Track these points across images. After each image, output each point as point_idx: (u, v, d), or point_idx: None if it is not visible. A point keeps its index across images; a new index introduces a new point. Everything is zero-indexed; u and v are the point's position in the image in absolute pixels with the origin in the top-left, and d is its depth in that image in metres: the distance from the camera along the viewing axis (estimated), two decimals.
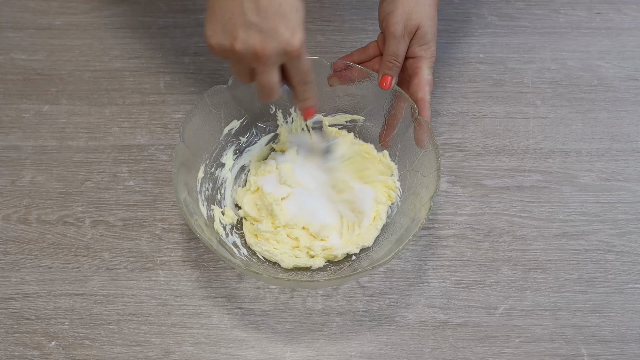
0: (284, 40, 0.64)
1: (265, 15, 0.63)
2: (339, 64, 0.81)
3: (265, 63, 0.65)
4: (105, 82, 0.94)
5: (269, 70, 0.66)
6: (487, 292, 0.79)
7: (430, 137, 0.75)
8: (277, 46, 0.64)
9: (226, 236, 0.79)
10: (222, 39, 0.65)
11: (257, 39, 0.64)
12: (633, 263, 0.81)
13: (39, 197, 0.84)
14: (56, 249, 0.81)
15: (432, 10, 0.78)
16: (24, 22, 0.99)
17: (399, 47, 0.77)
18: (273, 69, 0.67)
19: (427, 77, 0.78)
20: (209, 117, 0.79)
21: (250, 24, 0.63)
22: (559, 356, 0.75)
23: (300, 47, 0.65)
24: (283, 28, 0.64)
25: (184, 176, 0.75)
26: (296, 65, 0.67)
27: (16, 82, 0.94)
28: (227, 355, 0.75)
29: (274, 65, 0.66)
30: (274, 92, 0.69)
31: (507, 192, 0.85)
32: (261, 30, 0.63)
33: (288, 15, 0.64)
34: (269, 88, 0.68)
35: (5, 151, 0.88)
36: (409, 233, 0.71)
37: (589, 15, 1.01)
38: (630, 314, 0.78)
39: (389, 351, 0.76)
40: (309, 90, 0.71)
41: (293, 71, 0.68)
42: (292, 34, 0.64)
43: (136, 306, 0.78)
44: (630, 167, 0.88)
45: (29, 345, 0.75)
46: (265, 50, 0.64)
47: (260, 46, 0.64)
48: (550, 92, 0.94)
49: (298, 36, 0.64)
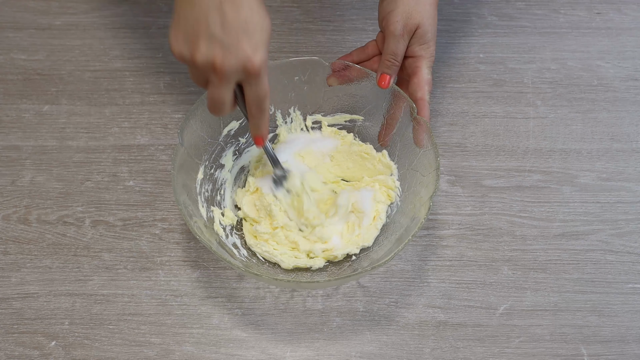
0: (245, 57, 0.63)
1: (229, 30, 0.62)
2: (337, 64, 0.81)
3: (222, 77, 0.64)
4: (105, 82, 0.94)
5: (223, 85, 0.65)
6: (487, 292, 0.79)
7: (429, 137, 0.75)
8: (236, 63, 0.63)
9: (226, 237, 0.79)
10: (183, 48, 0.64)
11: (217, 53, 0.62)
12: (633, 263, 0.81)
13: (39, 197, 0.84)
14: (56, 249, 0.81)
15: (432, 9, 0.78)
16: (24, 22, 0.99)
17: (398, 46, 0.77)
18: (228, 85, 0.65)
19: (427, 76, 0.78)
20: (208, 119, 0.79)
21: (213, 36, 0.62)
22: (559, 356, 0.75)
23: (260, 67, 0.64)
24: (245, 45, 0.63)
25: (183, 177, 0.75)
26: (254, 86, 0.66)
27: (16, 82, 0.94)
28: (227, 355, 0.75)
29: (229, 82, 0.65)
30: (224, 109, 0.67)
31: (507, 192, 0.85)
32: (223, 45, 0.62)
33: (252, 33, 0.63)
34: (220, 103, 0.67)
35: (5, 151, 0.88)
36: (408, 233, 0.71)
37: (589, 15, 1.01)
38: (630, 314, 0.78)
39: (389, 351, 0.76)
40: (261, 117, 0.69)
41: (249, 92, 0.66)
42: (253, 52, 0.63)
43: (136, 306, 0.78)
44: (630, 167, 0.88)
45: (29, 345, 0.75)
46: (223, 65, 0.63)
47: (219, 60, 0.63)
48: (550, 92, 0.94)
49: (259, 55, 0.63)
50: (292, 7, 1.01)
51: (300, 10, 1.01)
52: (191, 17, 0.63)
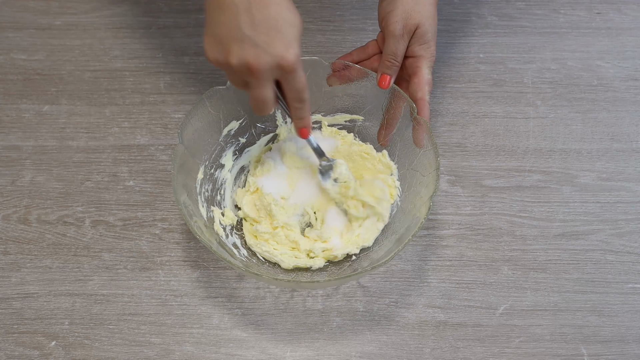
0: (278, 55, 0.64)
1: (259, 29, 0.63)
2: (337, 64, 0.81)
3: (259, 77, 0.65)
4: (105, 82, 0.94)
5: (262, 84, 0.66)
6: (487, 292, 0.79)
7: (429, 137, 0.75)
8: (271, 60, 0.64)
9: (226, 237, 0.79)
10: (217, 53, 0.65)
11: (251, 53, 0.63)
12: (633, 263, 0.81)
13: (39, 197, 0.84)
14: (56, 249, 0.81)
15: (432, 9, 0.78)
16: (24, 22, 0.99)
17: (398, 46, 0.77)
18: (266, 84, 0.66)
19: (427, 76, 0.78)
20: (208, 118, 0.79)
21: (245, 37, 0.63)
22: (559, 356, 0.75)
23: (295, 62, 0.65)
24: (277, 42, 0.63)
25: (183, 178, 0.75)
26: (291, 81, 0.67)
27: (16, 82, 0.94)
28: (227, 355, 0.75)
29: (267, 80, 0.66)
30: (267, 107, 0.69)
31: (507, 192, 0.85)
32: (255, 45, 0.63)
33: (283, 30, 0.64)
34: (262, 102, 0.68)
35: (5, 151, 0.88)
36: (408, 233, 0.71)
37: (589, 15, 1.01)
38: (630, 314, 0.78)
39: (389, 351, 0.76)
40: (303, 108, 0.71)
41: (287, 87, 0.68)
42: (286, 49, 0.64)
43: (136, 306, 0.78)
44: (630, 167, 0.88)
45: (29, 345, 0.75)
46: (259, 65, 0.64)
47: (254, 60, 0.63)
48: (550, 92, 0.94)
49: (292, 51, 0.64)
50: None
51: (300, 10, 0.99)
52: (221, 21, 0.64)
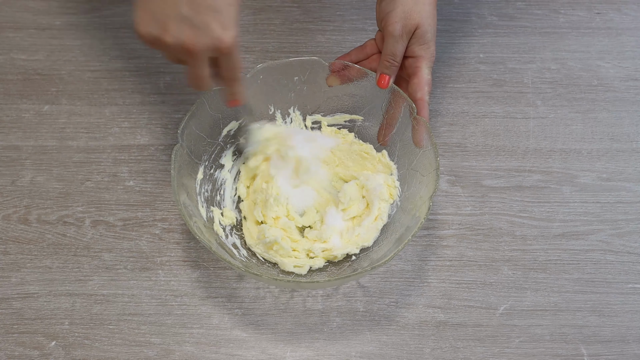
0: (216, 37, 0.63)
1: (198, 9, 0.62)
2: (336, 64, 0.81)
3: (195, 58, 0.65)
4: (105, 82, 0.94)
5: (198, 64, 0.66)
6: (487, 292, 0.79)
7: (428, 137, 0.75)
8: (208, 42, 0.63)
9: (226, 237, 0.79)
10: (152, 29, 0.63)
11: (188, 33, 0.63)
12: (633, 263, 0.81)
13: (39, 197, 0.84)
14: (56, 249, 0.81)
15: (431, 9, 0.78)
16: (24, 22, 0.99)
17: (397, 46, 0.77)
18: (203, 63, 0.66)
19: (427, 76, 0.78)
20: (208, 119, 0.79)
21: (183, 17, 0.62)
22: (559, 356, 0.75)
23: (232, 44, 0.64)
24: (215, 23, 0.63)
25: (183, 178, 0.75)
26: (227, 61, 0.67)
27: (16, 82, 0.94)
28: (227, 355, 0.75)
29: (203, 60, 0.65)
30: (204, 84, 0.69)
31: (507, 192, 0.85)
32: (193, 25, 0.62)
33: (221, 11, 0.63)
34: (199, 80, 0.68)
35: (5, 151, 0.88)
36: (408, 233, 0.71)
37: (589, 15, 1.01)
38: (630, 314, 0.78)
39: (389, 351, 0.76)
40: (236, 86, 0.71)
41: (224, 66, 0.68)
42: (223, 30, 0.63)
43: (136, 306, 0.78)
44: (630, 167, 0.88)
45: (29, 345, 0.75)
46: (195, 46, 0.63)
47: (190, 41, 0.63)
48: (550, 92, 0.94)
49: (230, 32, 0.64)
50: (292, 7, 1.01)
51: (300, 10, 1.01)
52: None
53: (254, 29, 0.99)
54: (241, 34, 0.98)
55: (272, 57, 0.96)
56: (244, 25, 0.99)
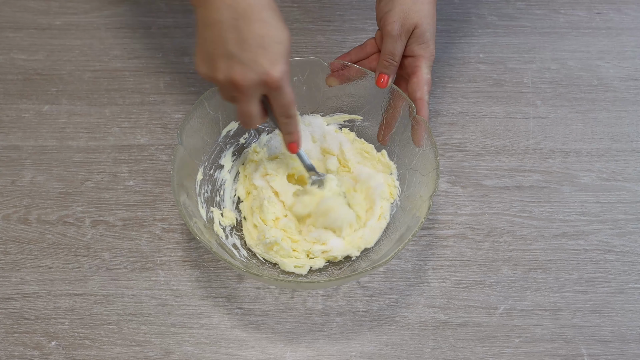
0: (263, 72, 0.64)
1: (245, 46, 0.64)
2: (336, 64, 0.81)
3: (244, 93, 0.66)
4: (105, 82, 0.94)
5: (247, 100, 0.67)
6: (487, 292, 0.79)
7: (428, 136, 0.75)
8: (256, 77, 0.64)
9: (226, 238, 0.79)
10: (206, 69, 0.66)
11: (236, 70, 0.64)
12: (633, 263, 0.81)
13: (39, 197, 0.85)
14: (56, 249, 0.81)
15: (430, 8, 0.78)
16: (24, 22, 0.99)
17: (396, 46, 0.77)
18: (252, 100, 0.67)
19: (426, 76, 0.78)
20: (207, 119, 0.79)
21: (231, 55, 0.64)
22: (559, 356, 0.75)
23: (280, 79, 0.65)
24: (263, 59, 0.64)
25: (182, 178, 0.75)
26: (277, 97, 0.67)
27: (16, 82, 0.94)
28: (227, 355, 0.75)
29: (252, 96, 0.67)
30: (253, 121, 0.69)
31: (507, 192, 0.85)
32: (241, 62, 0.64)
33: (269, 47, 0.64)
34: (248, 117, 0.69)
35: (5, 151, 0.88)
36: (408, 233, 0.71)
37: (589, 15, 1.01)
38: (630, 314, 0.78)
39: (389, 351, 0.76)
40: (291, 123, 0.71)
41: (275, 103, 0.68)
42: (272, 65, 0.64)
43: (136, 306, 0.78)
44: (630, 167, 0.88)
45: (29, 345, 0.75)
46: (244, 82, 0.64)
47: (239, 77, 0.64)
48: (550, 92, 0.94)
49: (278, 68, 0.64)
50: (292, 7, 1.01)
51: (300, 10, 1.01)
52: (209, 38, 0.65)
53: None
54: None
55: None
56: None
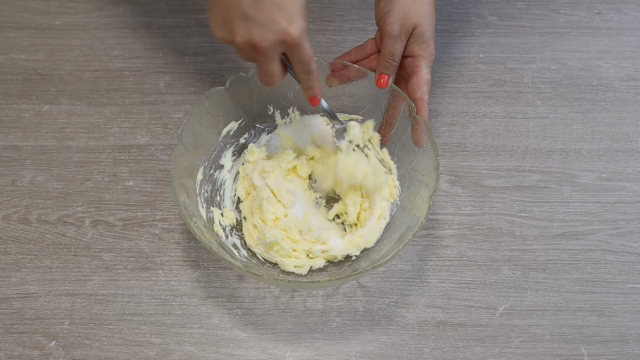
0: (282, 31, 0.64)
1: (261, 6, 0.63)
2: (336, 64, 0.81)
3: (265, 54, 0.66)
4: (105, 82, 0.94)
5: (268, 60, 0.67)
6: (487, 292, 0.79)
7: (428, 136, 0.75)
8: (275, 37, 0.64)
9: (226, 238, 0.79)
10: (223, 32, 0.66)
11: (254, 32, 0.64)
12: (633, 263, 0.81)
13: (39, 197, 0.84)
14: (56, 249, 0.81)
15: (429, 8, 0.78)
16: (24, 22, 0.99)
17: (395, 46, 0.77)
18: (273, 59, 0.67)
19: (426, 76, 0.78)
20: (207, 119, 0.79)
21: (248, 16, 0.64)
22: (559, 356, 0.75)
23: (299, 37, 0.65)
24: (280, 18, 0.63)
25: (182, 178, 0.75)
26: (297, 55, 0.67)
27: (16, 82, 0.94)
28: (227, 355, 0.75)
29: (273, 56, 0.67)
30: (275, 80, 0.70)
31: (507, 192, 0.85)
32: (258, 22, 0.64)
33: (285, 5, 0.64)
34: (270, 76, 0.69)
35: (5, 151, 0.88)
36: (408, 233, 0.71)
37: (589, 15, 1.01)
38: (630, 314, 0.78)
39: (389, 351, 0.76)
40: (311, 79, 0.71)
41: (294, 60, 0.68)
42: (289, 24, 0.64)
43: (136, 306, 0.78)
44: (630, 167, 0.88)
45: (29, 345, 0.75)
46: (263, 43, 0.64)
47: (258, 39, 0.64)
48: (550, 92, 0.94)
49: (297, 25, 0.64)
50: None
51: None
52: (223, 1, 0.64)
53: None
54: None
55: None
56: None
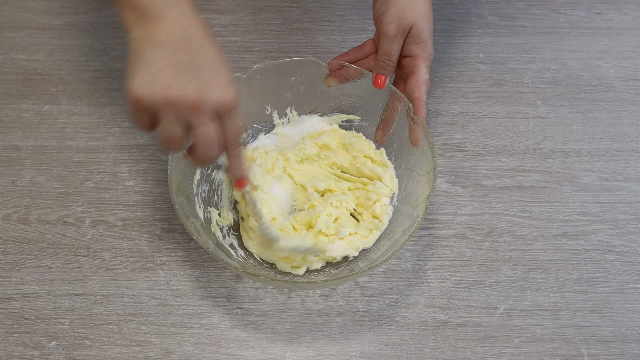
0: (221, 92, 0.61)
1: (200, 66, 0.60)
2: (334, 64, 0.81)
3: (203, 114, 0.60)
4: (105, 82, 0.94)
5: (206, 122, 0.61)
6: (487, 292, 0.79)
7: (426, 137, 0.75)
8: (213, 97, 0.60)
9: (223, 238, 0.79)
10: (152, 88, 0.59)
11: (193, 87, 0.60)
12: (633, 263, 0.81)
13: (39, 197, 0.85)
14: (56, 249, 0.81)
15: (426, 7, 0.77)
16: (24, 22, 0.99)
17: (392, 47, 0.77)
18: (211, 121, 0.61)
19: (424, 76, 0.78)
20: None
21: (185, 73, 0.60)
22: (559, 356, 0.75)
23: (235, 101, 0.62)
24: (219, 80, 0.61)
25: (180, 179, 0.75)
26: (230, 121, 0.63)
27: (16, 82, 0.94)
28: (227, 355, 0.75)
29: (211, 118, 0.61)
30: (214, 146, 0.63)
31: (507, 192, 0.85)
32: (198, 78, 0.60)
33: (222, 70, 0.62)
34: (210, 140, 0.62)
35: (5, 151, 0.88)
36: (406, 233, 0.71)
37: (589, 15, 1.01)
38: (630, 314, 0.78)
39: (389, 351, 0.75)
40: (240, 154, 0.66)
41: (227, 128, 0.63)
42: (227, 87, 0.61)
43: (136, 306, 0.78)
44: (630, 167, 0.88)
45: (29, 345, 0.75)
46: (202, 99, 0.60)
47: (197, 94, 0.60)
48: (550, 92, 0.94)
49: (232, 90, 0.62)
50: (292, 7, 1.01)
51: (300, 10, 1.01)
52: (157, 58, 0.60)
53: (254, 29, 0.99)
54: (241, 34, 0.99)
55: (272, 57, 0.96)
56: (244, 25, 0.99)
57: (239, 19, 0.99)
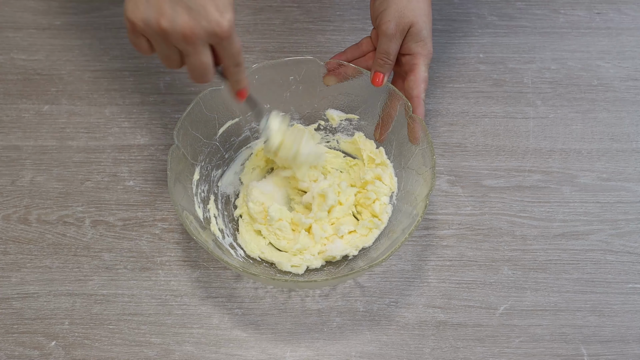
0: (213, 21, 0.60)
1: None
2: (332, 64, 0.81)
3: (195, 43, 0.61)
4: (105, 82, 0.94)
5: (200, 51, 0.62)
6: (487, 292, 0.79)
7: (424, 135, 0.75)
8: (206, 26, 0.61)
9: (222, 238, 0.79)
10: (146, 14, 0.60)
11: (185, 18, 0.60)
12: (633, 263, 0.81)
13: (39, 197, 0.85)
14: (56, 249, 0.81)
15: (425, 6, 0.77)
16: (24, 22, 0.99)
17: (391, 45, 0.77)
18: (203, 50, 0.63)
19: (423, 74, 0.78)
20: (204, 119, 0.79)
21: (178, 1, 0.60)
22: (559, 356, 0.75)
23: (230, 28, 0.62)
24: (212, 8, 0.60)
25: (179, 178, 0.75)
26: (227, 47, 0.63)
27: (16, 82, 0.94)
28: (227, 355, 0.75)
29: (204, 46, 0.62)
30: (208, 74, 0.65)
31: (507, 192, 0.85)
32: (189, 8, 0.60)
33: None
34: (202, 69, 0.64)
35: (5, 151, 0.88)
36: (405, 231, 0.71)
37: (589, 15, 1.01)
38: (630, 314, 0.78)
39: (389, 351, 0.75)
40: (240, 71, 0.67)
41: (223, 53, 0.64)
42: (221, 14, 0.61)
43: (136, 306, 0.78)
44: (630, 167, 0.88)
45: (29, 345, 0.75)
46: (194, 30, 0.60)
47: (188, 26, 0.60)
48: (550, 92, 0.94)
49: (227, 16, 0.61)
50: (292, 7, 1.01)
51: (300, 10, 1.01)
52: None
53: (254, 29, 0.99)
54: (241, 34, 0.99)
55: (272, 57, 0.96)
56: (244, 25, 0.99)
57: (238, 19, 0.99)
